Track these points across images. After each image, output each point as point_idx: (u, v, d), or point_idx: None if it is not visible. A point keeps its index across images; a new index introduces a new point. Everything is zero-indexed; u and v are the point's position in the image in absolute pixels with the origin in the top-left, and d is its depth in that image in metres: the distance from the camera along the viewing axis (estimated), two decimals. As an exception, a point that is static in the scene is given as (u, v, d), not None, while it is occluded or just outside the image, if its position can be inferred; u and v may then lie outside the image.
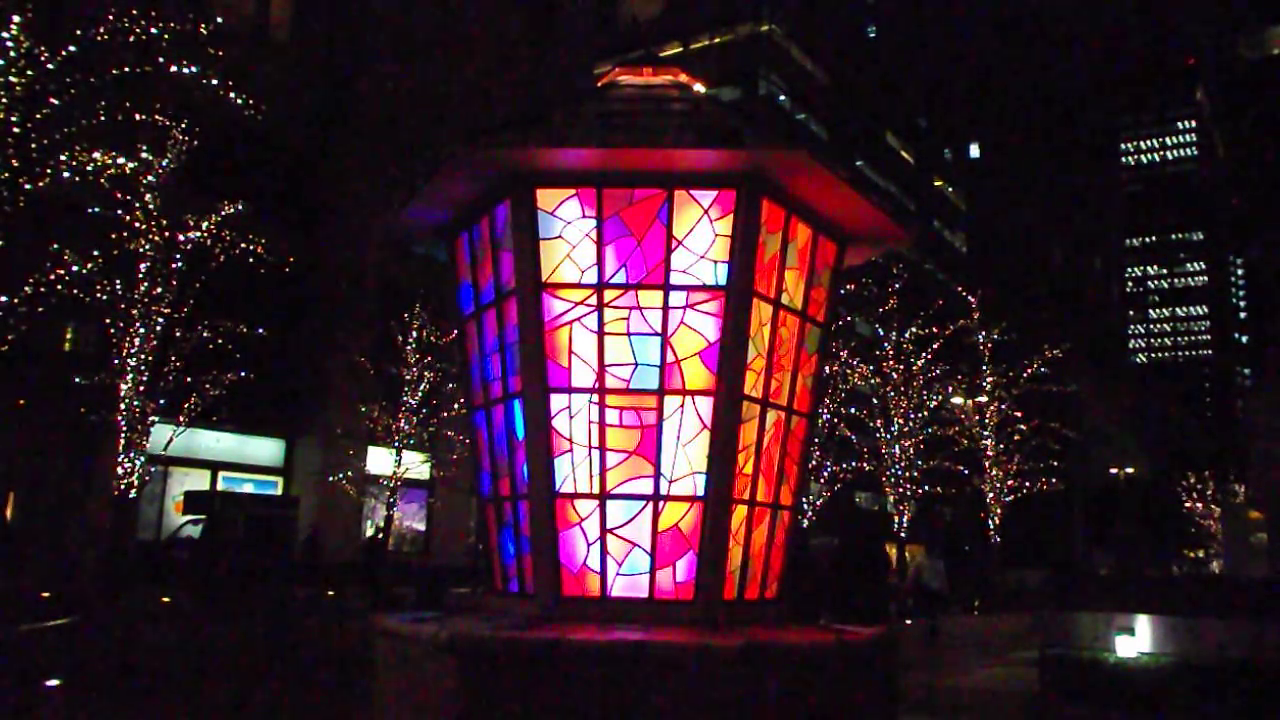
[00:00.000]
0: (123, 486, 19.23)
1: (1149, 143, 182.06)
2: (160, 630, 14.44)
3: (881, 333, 32.64)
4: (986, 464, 34.34)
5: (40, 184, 15.03)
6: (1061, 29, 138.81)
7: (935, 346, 31.59)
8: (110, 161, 16.51)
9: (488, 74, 32.31)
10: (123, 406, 18.87)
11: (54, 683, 9.57)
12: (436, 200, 6.23)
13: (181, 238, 19.22)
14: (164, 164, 18.72)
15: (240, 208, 20.13)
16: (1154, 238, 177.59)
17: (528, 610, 5.70)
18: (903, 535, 31.55)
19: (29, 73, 14.84)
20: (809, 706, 5.17)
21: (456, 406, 24.64)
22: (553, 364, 5.66)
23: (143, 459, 19.44)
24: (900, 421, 31.19)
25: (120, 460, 19.14)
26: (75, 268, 16.84)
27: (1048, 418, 37.07)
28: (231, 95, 18.25)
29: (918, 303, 34.07)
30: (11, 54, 14.70)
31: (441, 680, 5.03)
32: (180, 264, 19.25)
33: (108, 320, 18.64)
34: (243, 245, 19.86)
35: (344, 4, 30.49)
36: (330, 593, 21.37)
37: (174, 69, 17.26)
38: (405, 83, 30.14)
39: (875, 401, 32.01)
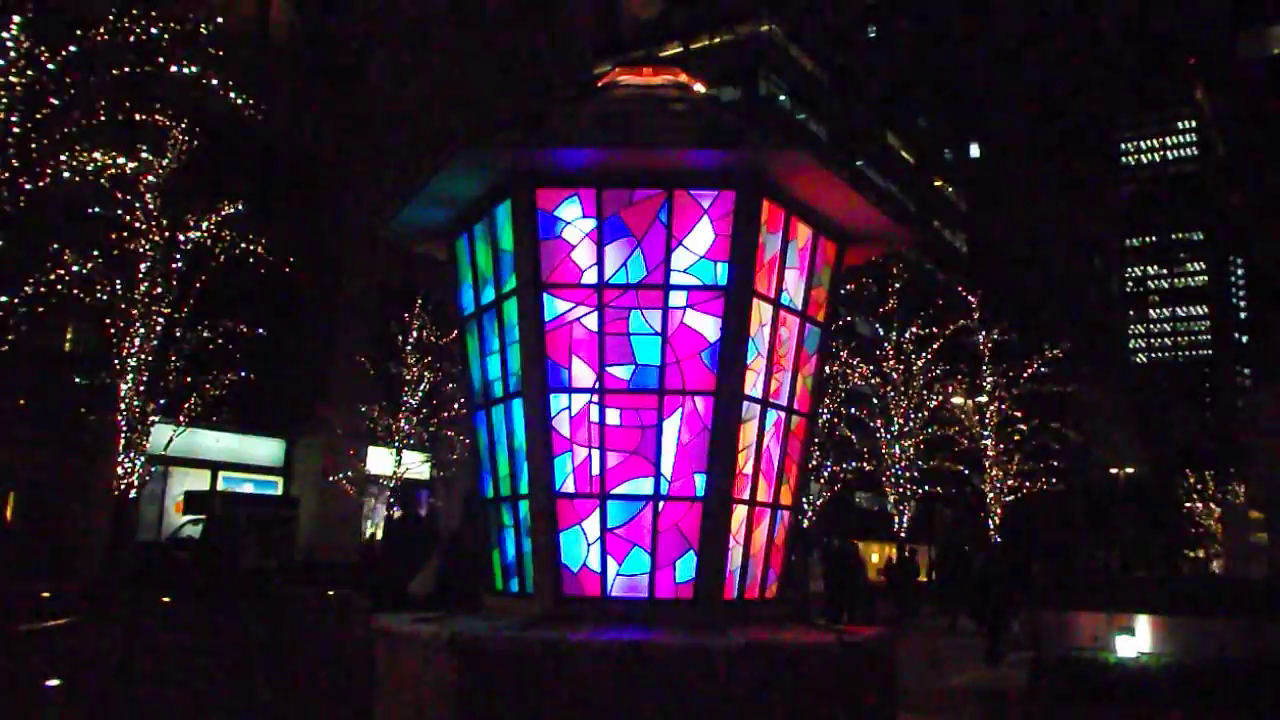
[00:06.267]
0: (123, 486, 19.23)
1: (1149, 143, 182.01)
2: (160, 630, 14.44)
3: (881, 333, 32.64)
4: (986, 464, 34.32)
5: (40, 184, 15.02)
6: (1062, 29, 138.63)
7: (935, 346, 31.58)
8: (110, 161, 16.50)
9: (488, 74, 32.34)
10: (123, 406, 18.88)
11: (54, 683, 9.57)
12: (436, 200, 6.23)
13: (181, 238, 19.23)
14: (164, 164, 18.73)
15: (240, 208, 20.13)
16: (1154, 238, 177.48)
17: (528, 610, 5.70)
18: (903, 535, 31.54)
19: (29, 73, 14.84)
20: (809, 706, 5.17)
21: (456, 406, 24.64)
22: (553, 364, 5.66)
23: (143, 459, 19.44)
24: (900, 421, 31.16)
25: (120, 460, 19.14)
26: (75, 268, 16.84)
27: (1048, 418, 37.05)
28: (231, 95, 18.24)
29: (918, 303, 34.06)
30: (12, 54, 14.69)
31: (442, 680, 5.04)
32: (180, 264, 19.25)
33: (108, 320, 18.64)
34: (243, 245, 19.87)
35: (344, 4, 30.48)
36: (330, 592, 21.36)
37: (174, 69, 17.25)
38: (405, 82, 30.17)
39: (875, 401, 31.99)
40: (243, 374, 20.73)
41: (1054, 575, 33.52)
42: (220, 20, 19.53)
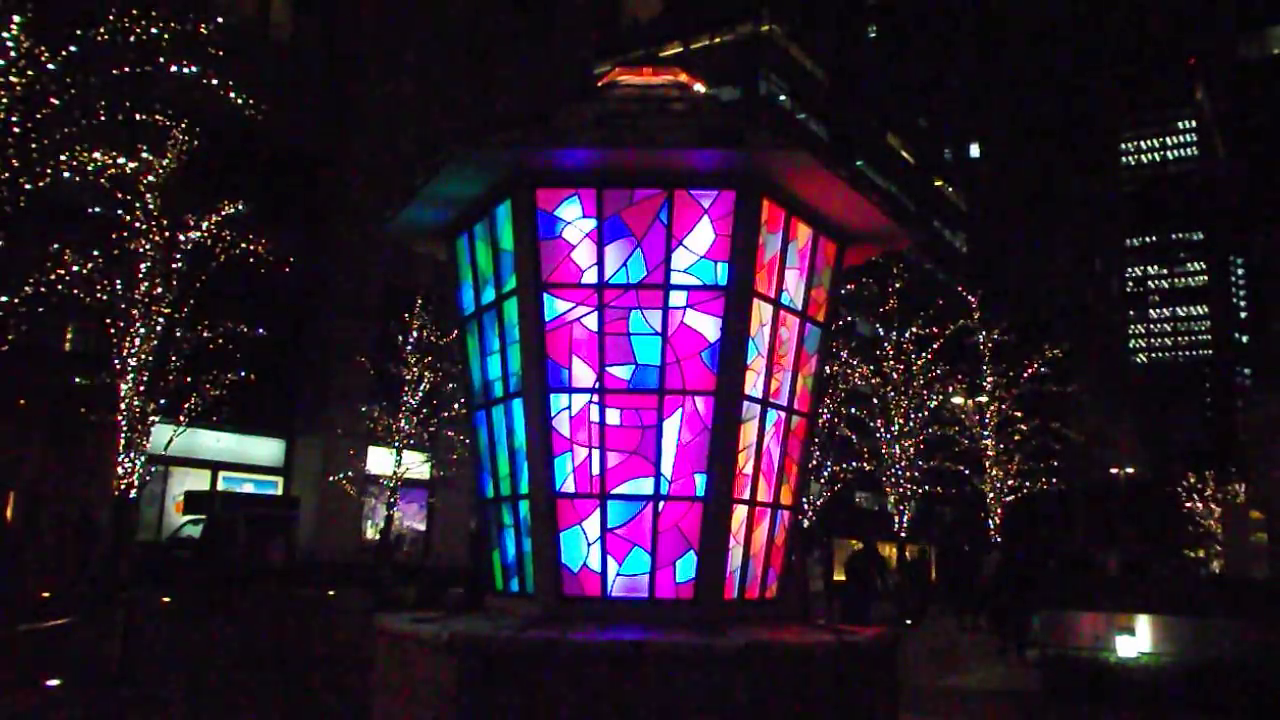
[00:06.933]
0: (123, 486, 19.22)
1: (1149, 143, 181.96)
2: (160, 630, 14.43)
3: (881, 333, 32.62)
4: (986, 464, 34.32)
5: (40, 184, 15.01)
6: (1062, 29, 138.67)
7: (935, 346, 31.58)
8: (110, 161, 16.50)
9: (488, 74, 32.33)
10: (123, 406, 18.87)
11: (54, 683, 9.57)
12: (437, 200, 6.23)
13: (181, 238, 19.23)
14: (164, 164, 18.73)
15: (240, 208, 20.13)
16: (1154, 238, 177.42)
17: (528, 610, 5.70)
18: (903, 535, 31.54)
19: (29, 73, 14.83)
20: (809, 707, 5.16)
21: (456, 406, 24.64)
22: (553, 364, 5.66)
23: (143, 459, 19.43)
24: (900, 421, 31.16)
25: (120, 460, 19.13)
26: (75, 268, 16.84)
27: (1048, 418, 37.06)
28: (231, 95, 18.23)
29: (918, 303, 34.04)
30: (12, 54, 14.68)
31: (442, 680, 5.03)
32: (180, 264, 19.25)
33: (108, 320, 18.64)
34: (243, 245, 19.87)
35: (344, 4, 30.47)
36: (330, 593, 21.38)
37: (174, 69, 17.24)
38: (405, 82, 30.16)
39: (875, 401, 31.99)
40: (243, 374, 20.73)
41: (1060, 574, 33.52)
42: (220, 20, 19.52)
